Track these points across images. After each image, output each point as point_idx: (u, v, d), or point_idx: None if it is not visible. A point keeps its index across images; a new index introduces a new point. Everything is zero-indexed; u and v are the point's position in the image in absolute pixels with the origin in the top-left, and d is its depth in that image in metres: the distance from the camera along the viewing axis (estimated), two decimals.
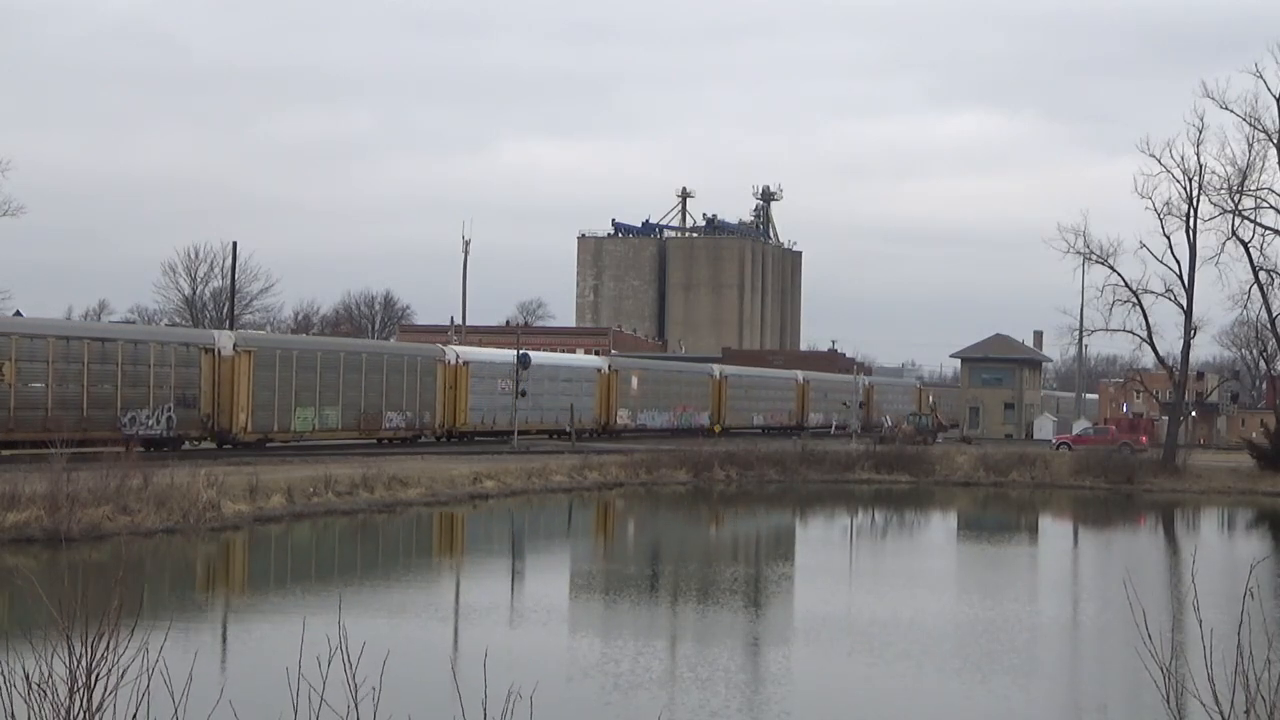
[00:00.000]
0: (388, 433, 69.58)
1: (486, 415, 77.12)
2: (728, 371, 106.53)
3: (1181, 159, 72.39)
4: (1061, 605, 34.15)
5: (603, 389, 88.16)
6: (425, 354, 75.50)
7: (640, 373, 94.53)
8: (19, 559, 32.16)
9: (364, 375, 67.47)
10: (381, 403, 68.77)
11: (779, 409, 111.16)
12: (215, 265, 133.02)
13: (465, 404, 75.24)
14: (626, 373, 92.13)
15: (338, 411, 65.66)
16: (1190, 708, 10.48)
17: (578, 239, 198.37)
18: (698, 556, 42.90)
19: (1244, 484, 70.40)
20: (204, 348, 59.80)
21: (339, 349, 70.52)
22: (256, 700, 12.51)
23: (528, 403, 79.19)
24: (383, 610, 27.99)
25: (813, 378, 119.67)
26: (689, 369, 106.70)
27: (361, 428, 67.61)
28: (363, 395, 67.34)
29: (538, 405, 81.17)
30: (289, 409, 62.67)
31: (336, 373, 65.67)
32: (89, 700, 9.38)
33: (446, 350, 77.31)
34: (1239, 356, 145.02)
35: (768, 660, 25.06)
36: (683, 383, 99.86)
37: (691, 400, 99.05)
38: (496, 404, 77.66)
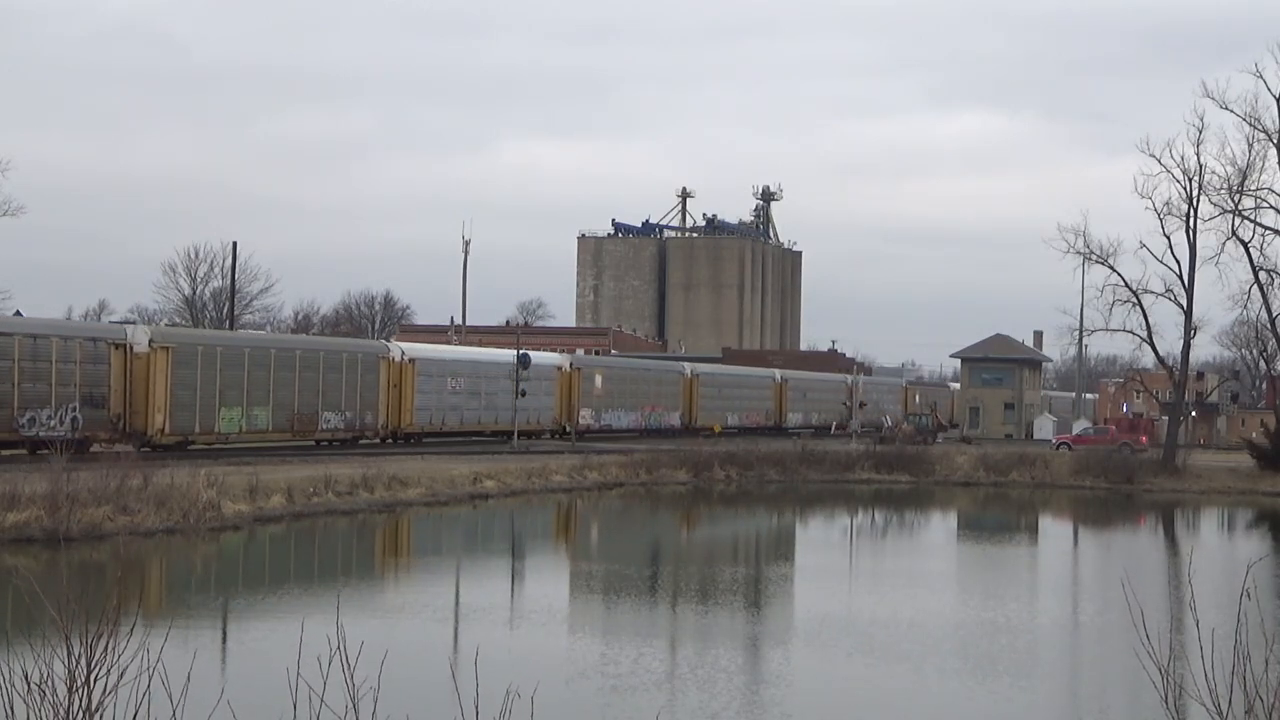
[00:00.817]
0: (325, 434, 65.52)
1: (435, 415, 73.41)
2: (699, 370, 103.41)
3: (1181, 159, 72.50)
4: (1061, 606, 34.14)
5: (563, 388, 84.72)
6: (367, 351, 72.00)
7: (604, 371, 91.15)
8: (19, 559, 32.16)
9: (298, 373, 63.45)
10: (318, 402, 64.73)
11: (755, 409, 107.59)
12: (215, 265, 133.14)
13: (411, 404, 71.44)
14: (589, 371, 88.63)
15: (268, 412, 61.78)
16: (1190, 709, 10.48)
17: (578, 239, 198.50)
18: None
19: (1244, 484, 70.41)
20: (114, 343, 55.81)
21: (269, 345, 66.73)
22: (256, 700, 12.51)
23: (479, 402, 76.55)
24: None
25: (791, 376, 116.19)
26: (657, 367, 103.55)
27: (295, 429, 63.49)
28: (296, 394, 63.32)
29: (491, 405, 77.84)
30: (212, 409, 58.72)
31: (266, 370, 61.77)
32: (88, 700, 9.39)
33: (391, 346, 74.20)
34: (1239, 356, 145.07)
35: (768, 661, 25.06)
36: (651, 381, 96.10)
37: (661, 400, 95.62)
38: (446, 404, 74.31)
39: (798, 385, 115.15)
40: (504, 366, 79.34)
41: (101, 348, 55.13)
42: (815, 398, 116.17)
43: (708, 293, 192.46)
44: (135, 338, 56.92)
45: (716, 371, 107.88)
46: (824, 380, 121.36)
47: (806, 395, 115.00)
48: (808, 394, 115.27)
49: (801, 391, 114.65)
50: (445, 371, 74.49)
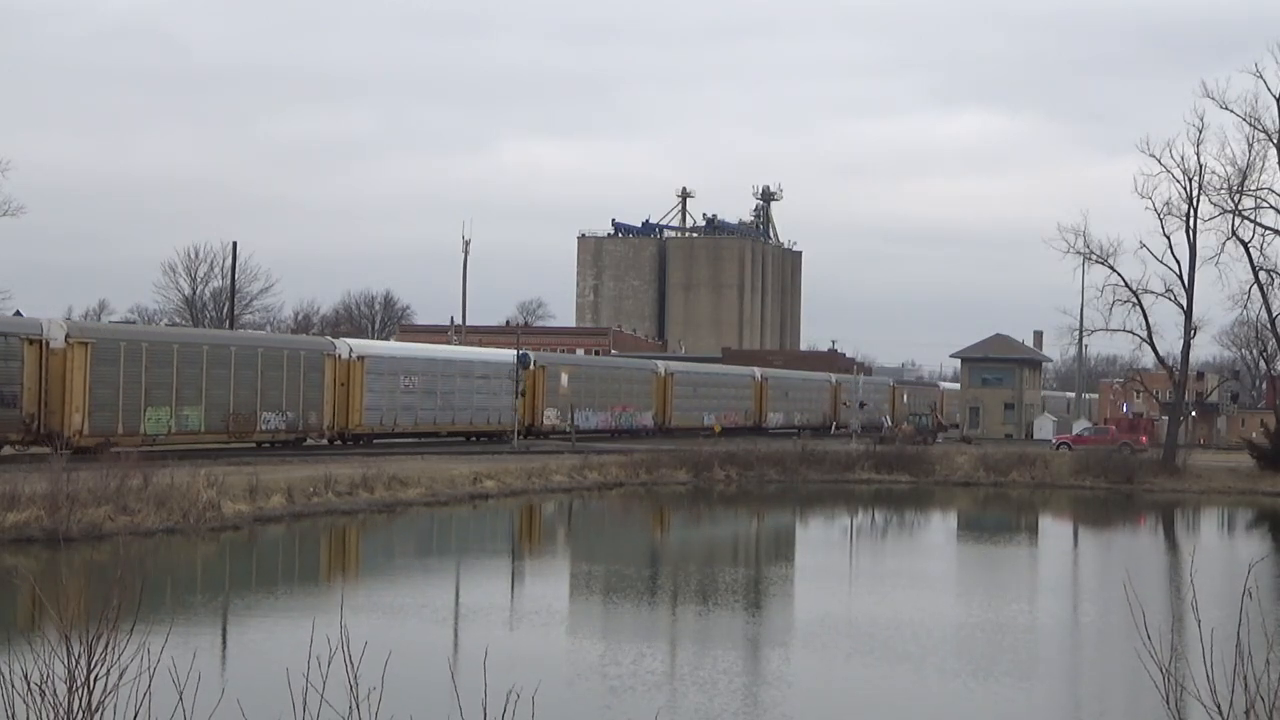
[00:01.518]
0: (264, 435, 61.82)
1: (386, 416, 69.80)
2: (674, 368, 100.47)
3: (1181, 159, 72.51)
4: (1062, 606, 34.14)
5: (527, 386, 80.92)
6: (310, 348, 68.19)
7: (571, 369, 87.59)
8: (19, 559, 32.16)
9: (233, 371, 59.83)
10: (256, 402, 61.08)
11: (734, 408, 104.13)
12: (215, 265, 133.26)
13: (359, 403, 67.82)
14: (554, 369, 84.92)
15: (200, 412, 58.01)
16: (1190, 708, 10.48)
17: (578, 239, 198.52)
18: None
19: (1244, 484, 70.42)
20: (28, 338, 52.04)
21: (201, 341, 62.70)
22: (257, 700, 12.51)
23: (435, 402, 73.32)
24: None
25: (772, 375, 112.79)
26: (629, 365, 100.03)
27: (231, 430, 59.58)
28: (232, 393, 59.64)
29: (448, 405, 74.45)
30: (137, 409, 54.94)
31: (198, 368, 58.04)
32: (88, 699, 9.38)
33: (337, 344, 70.13)
34: (1239, 356, 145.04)
35: (767, 661, 25.05)
36: (621, 380, 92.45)
37: (632, 399, 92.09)
38: (398, 403, 70.70)
39: (779, 384, 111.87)
40: (461, 365, 76.51)
41: (14, 343, 51.61)
42: (797, 397, 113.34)
43: (708, 293, 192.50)
44: (51, 333, 53.17)
45: (692, 370, 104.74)
46: (807, 379, 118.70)
47: (788, 394, 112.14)
48: (789, 393, 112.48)
49: (783, 391, 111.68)
50: (398, 370, 71.19)
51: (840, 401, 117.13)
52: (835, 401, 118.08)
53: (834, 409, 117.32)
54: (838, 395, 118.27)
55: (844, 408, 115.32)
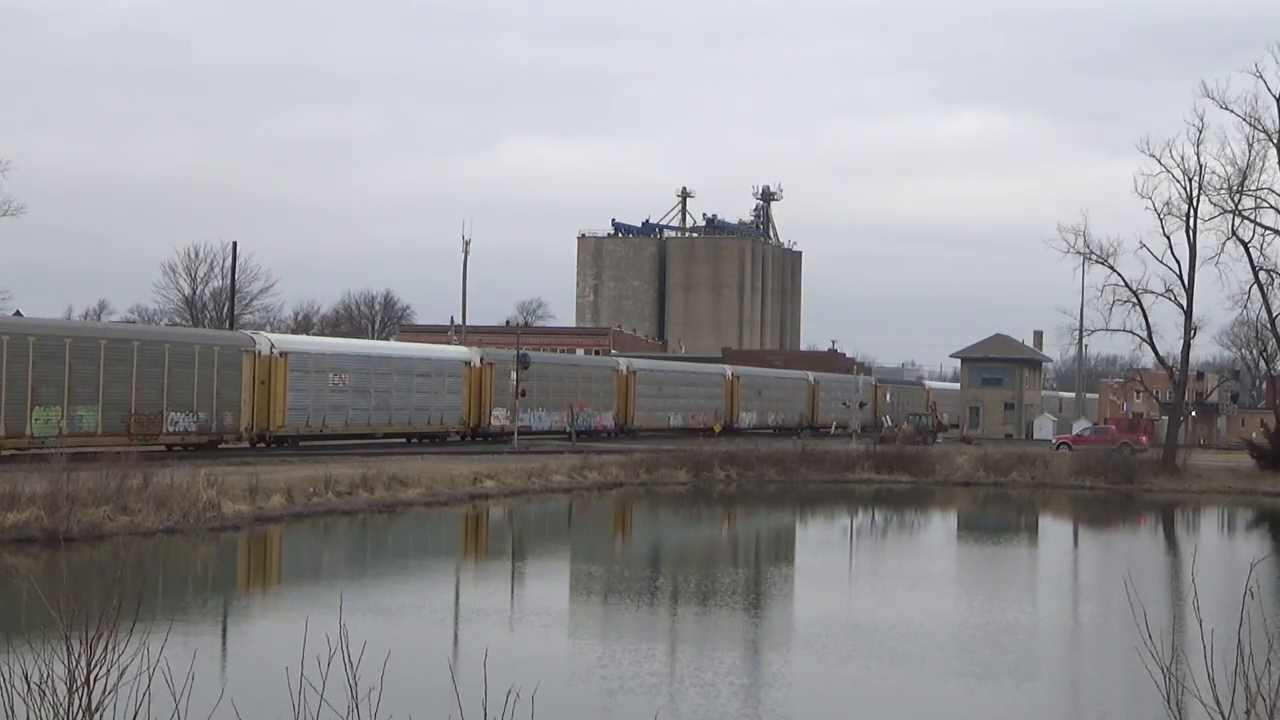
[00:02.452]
0: (171, 438, 56.85)
1: (313, 416, 65.06)
2: (637, 365, 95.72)
3: (1181, 159, 72.56)
4: (1062, 606, 34.14)
5: (472, 385, 76.61)
6: (225, 343, 63.18)
7: None
8: (19, 559, 32.14)
9: (136, 367, 55.18)
10: (162, 401, 56.39)
11: (703, 408, 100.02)
12: (215, 265, 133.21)
13: (283, 403, 63.05)
14: (504, 366, 79.55)
15: (96, 412, 53.40)
16: (1191, 708, 10.47)
17: (578, 239, 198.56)
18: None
19: (1244, 484, 70.43)
20: None
21: (97, 335, 57.09)
22: (256, 700, 12.49)
23: (369, 401, 69.04)
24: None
25: (744, 373, 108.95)
26: (587, 363, 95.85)
27: (133, 432, 53.82)
28: (134, 392, 54.99)
29: (384, 405, 70.07)
30: (22, 408, 50.89)
31: (95, 364, 53.51)
32: (88, 699, 9.38)
33: (257, 338, 65.54)
34: (1239, 356, 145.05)
35: (767, 662, 25.04)
36: (579, 378, 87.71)
37: (591, 398, 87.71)
38: (326, 403, 66.01)
39: (751, 383, 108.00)
40: (399, 362, 72.62)
41: None
42: (772, 396, 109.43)
43: (708, 293, 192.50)
44: None
45: (657, 368, 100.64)
46: (782, 378, 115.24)
47: (761, 394, 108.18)
48: (763, 392, 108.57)
49: (756, 389, 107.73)
50: (326, 367, 66.37)
51: (818, 400, 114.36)
52: (813, 401, 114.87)
53: (811, 408, 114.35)
54: (816, 394, 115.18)
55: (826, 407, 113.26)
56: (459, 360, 77.09)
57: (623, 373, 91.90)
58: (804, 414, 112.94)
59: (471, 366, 77.00)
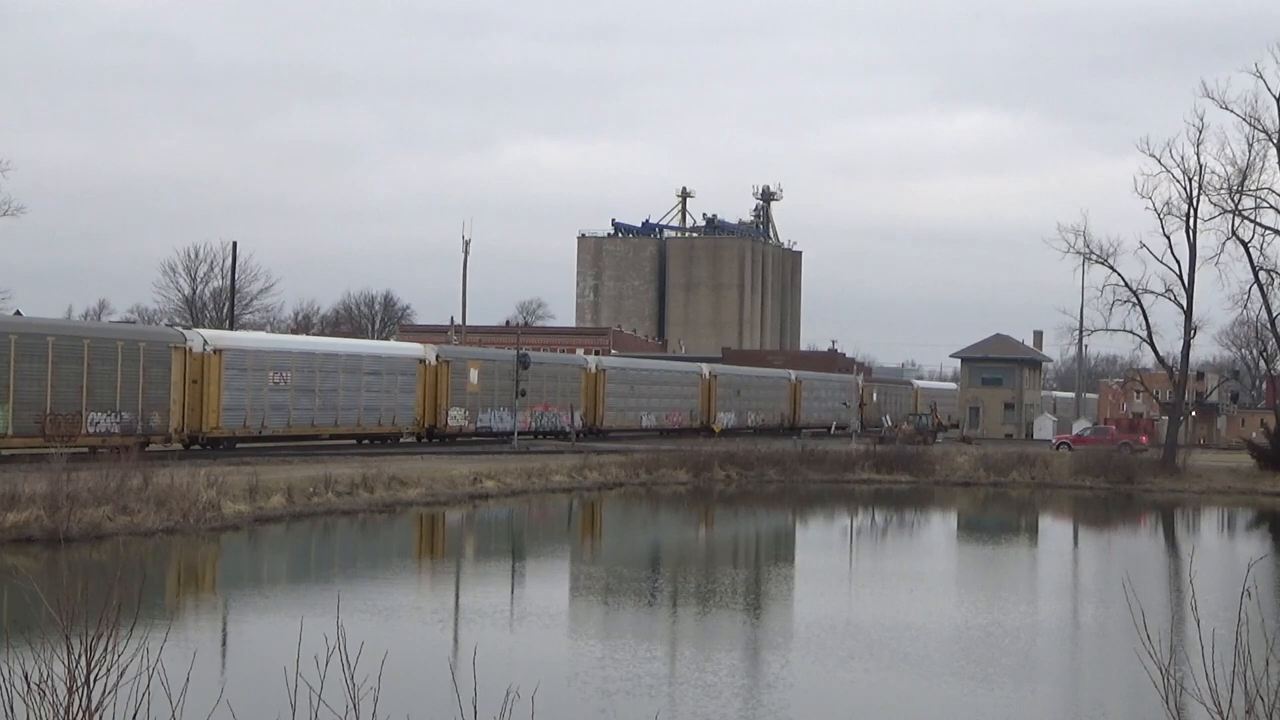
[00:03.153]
0: (92, 439, 52.35)
1: (251, 417, 61.00)
2: (607, 364, 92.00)
3: (1181, 159, 72.66)
4: (1062, 607, 34.15)
5: (427, 384, 72.60)
6: (152, 339, 58.90)
7: (480, 364, 77.92)
8: (19, 559, 32.15)
9: (51, 365, 51.65)
10: (81, 401, 52.76)
11: (678, 408, 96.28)
12: (215, 265, 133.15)
13: (217, 403, 59.07)
14: (460, 364, 75.85)
15: (6, 412, 50.05)
16: (1190, 709, 10.47)
17: (578, 239, 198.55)
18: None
19: (1244, 484, 70.46)
20: None
21: (6, 330, 52.66)
22: (255, 700, 12.50)
23: (313, 401, 64.67)
24: None
25: (722, 371, 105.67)
26: (552, 360, 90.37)
27: (48, 433, 50.72)
28: (49, 391, 51.49)
29: (329, 404, 65.71)
30: None
31: (4, 361, 50.23)
32: (88, 700, 9.38)
33: (189, 334, 61.06)
34: (1239, 356, 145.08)
35: (767, 664, 25.03)
36: (543, 376, 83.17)
37: (557, 397, 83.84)
38: (265, 402, 62.01)
39: (729, 382, 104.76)
40: (347, 359, 68.12)
41: None
42: (751, 396, 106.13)
43: (708, 293, 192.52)
44: None
45: (629, 366, 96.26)
46: (762, 376, 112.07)
47: (740, 393, 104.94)
48: (742, 391, 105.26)
49: (734, 389, 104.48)
50: (265, 364, 62.32)
51: (800, 400, 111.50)
52: (795, 400, 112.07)
53: (794, 408, 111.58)
54: (798, 394, 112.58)
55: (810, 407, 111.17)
56: (412, 358, 73.35)
57: (591, 371, 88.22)
58: (785, 414, 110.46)
59: (426, 365, 73.17)
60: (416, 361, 72.84)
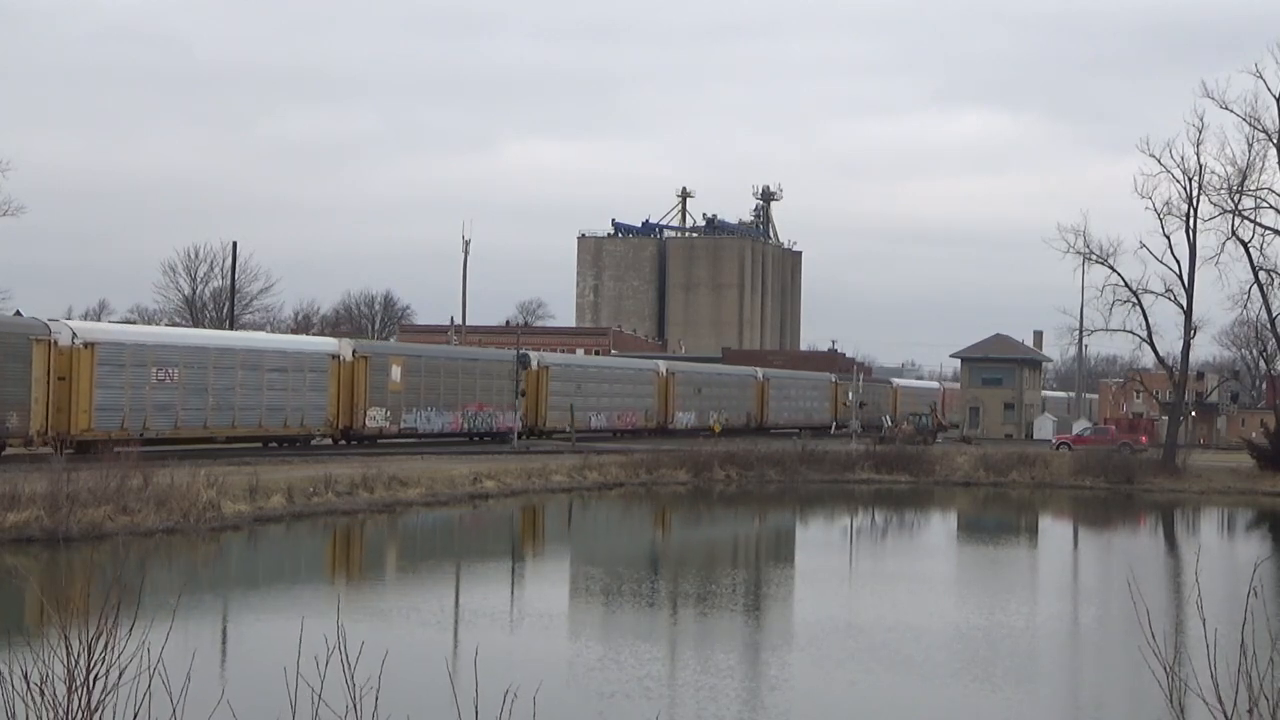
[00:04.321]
0: None
1: (130, 418, 54.76)
2: (550, 360, 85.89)
3: (1181, 159, 72.67)
4: (1063, 607, 34.14)
5: (342, 382, 66.44)
6: (9, 330, 52.96)
7: (404, 360, 72.25)
8: (19, 559, 32.14)
9: None
10: None
11: (633, 407, 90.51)
12: (215, 265, 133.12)
13: (88, 402, 53.62)
14: (380, 360, 70.18)
15: None
16: (1194, 708, 10.45)
17: (578, 239, 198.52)
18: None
19: (1244, 484, 70.45)
20: None
21: None
22: (255, 700, 12.48)
23: (206, 400, 58.45)
24: None
25: (680, 369, 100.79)
26: (487, 357, 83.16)
27: None
28: None
29: (225, 404, 59.16)
30: None
31: None
32: (88, 699, 9.36)
33: (55, 326, 54.52)
34: (1239, 356, 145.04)
35: (767, 665, 25.00)
36: (476, 374, 77.02)
37: (492, 397, 77.58)
38: (149, 402, 55.94)
39: (689, 379, 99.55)
40: (246, 355, 61.49)
41: None
42: (713, 395, 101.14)
43: (708, 293, 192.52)
44: None
45: (574, 363, 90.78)
46: (724, 374, 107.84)
47: (701, 391, 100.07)
48: (703, 390, 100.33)
49: (694, 387, 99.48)
50: (146, 360, 56.34)
51: (768, 399, 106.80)
52: (762, 399, 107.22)
53: (761, 407, 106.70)
54: (765, 392, 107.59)
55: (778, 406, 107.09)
56: (324, 353, 66.99)
57: (533, 369, 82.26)
58: (752, 413, 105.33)
59: (341, 361, 66.93)
60: (329, 357, 66.72)
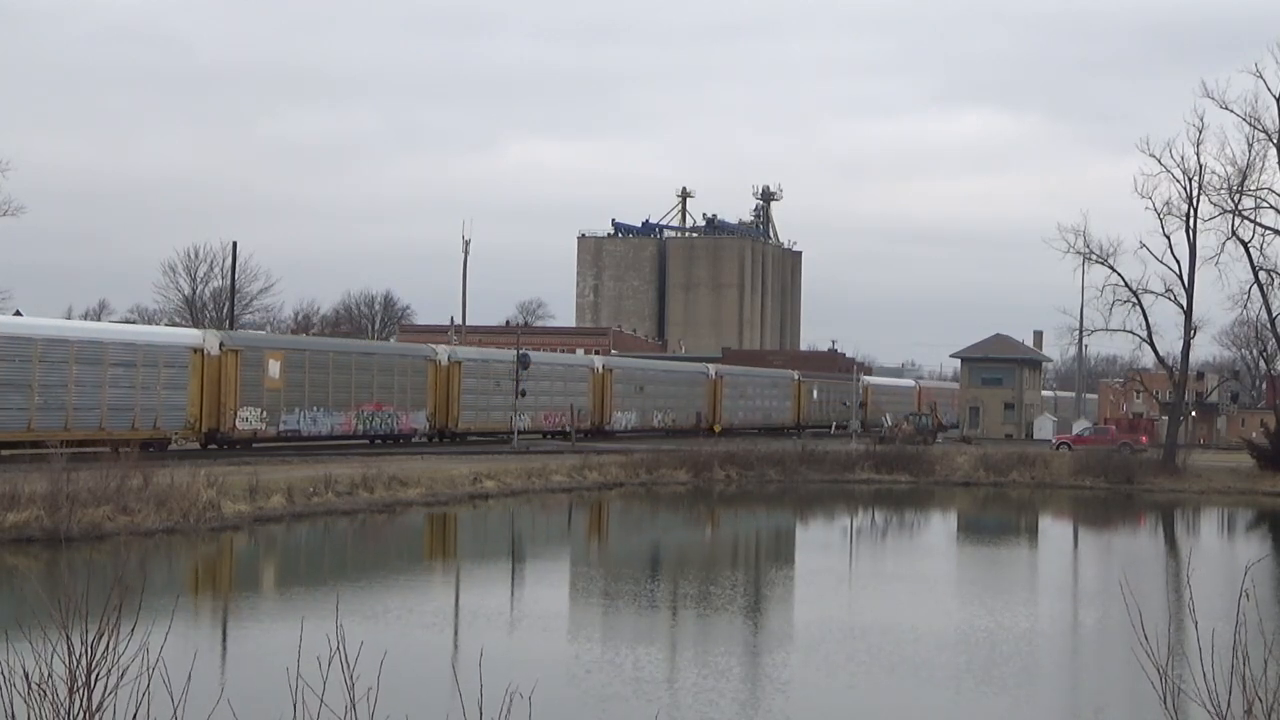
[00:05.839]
0: None
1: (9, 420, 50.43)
2: (463, 355, 78.20)
3: (1181, 159, 72.74)
4: (1062, 608, 34.13)
5: (208, 379, 58.98)
6: None
7: (284, 354, 64.64)
8: (19, 559, 32.18)
9: None
10: None
11: (561, 406, 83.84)
12: (215, 265, 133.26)
13: None
14: (255, 354, 62.57)
15: None
16: (1189, 710, 10.49)
17: (578, 239, 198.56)
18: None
19: (1244, 484, 70.48)
20: None
21: None
22: (256, 700, 12.52)
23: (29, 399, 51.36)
24: None
25: (620, 365, 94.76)
26: (384, 350, 77.60)
27: None
28: None
29: (54, 404, 52.31)
30: None
31: None
32: (89, 700, 9.39)
33: None
34: (1239, 356, 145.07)
35: (767, 666, 25.02)
36: (373, 369, 70.03)
37: (394, 395, 70.98)
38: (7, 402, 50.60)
39: (628, 376, 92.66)
40: (84, 348, 54.40)
41: None
42: (657, 393, 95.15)
43: (708, 293, 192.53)
44: None
45: (493, 357, 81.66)
46: (673, 372, 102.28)
47: (644, 389, 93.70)
48: (645, 388, 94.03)
49: (635, 385, 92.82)
50: None
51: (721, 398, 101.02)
52: (715, 398, 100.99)
53: (713, 407, 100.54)
54: (719, 391, 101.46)
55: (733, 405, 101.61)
56: (182, 346, 59.25)
57: (441, 364, 75.07)
58: (704, 413, 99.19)
59: (205, 355, 59.32)
60: (189, 351, 58.92)
